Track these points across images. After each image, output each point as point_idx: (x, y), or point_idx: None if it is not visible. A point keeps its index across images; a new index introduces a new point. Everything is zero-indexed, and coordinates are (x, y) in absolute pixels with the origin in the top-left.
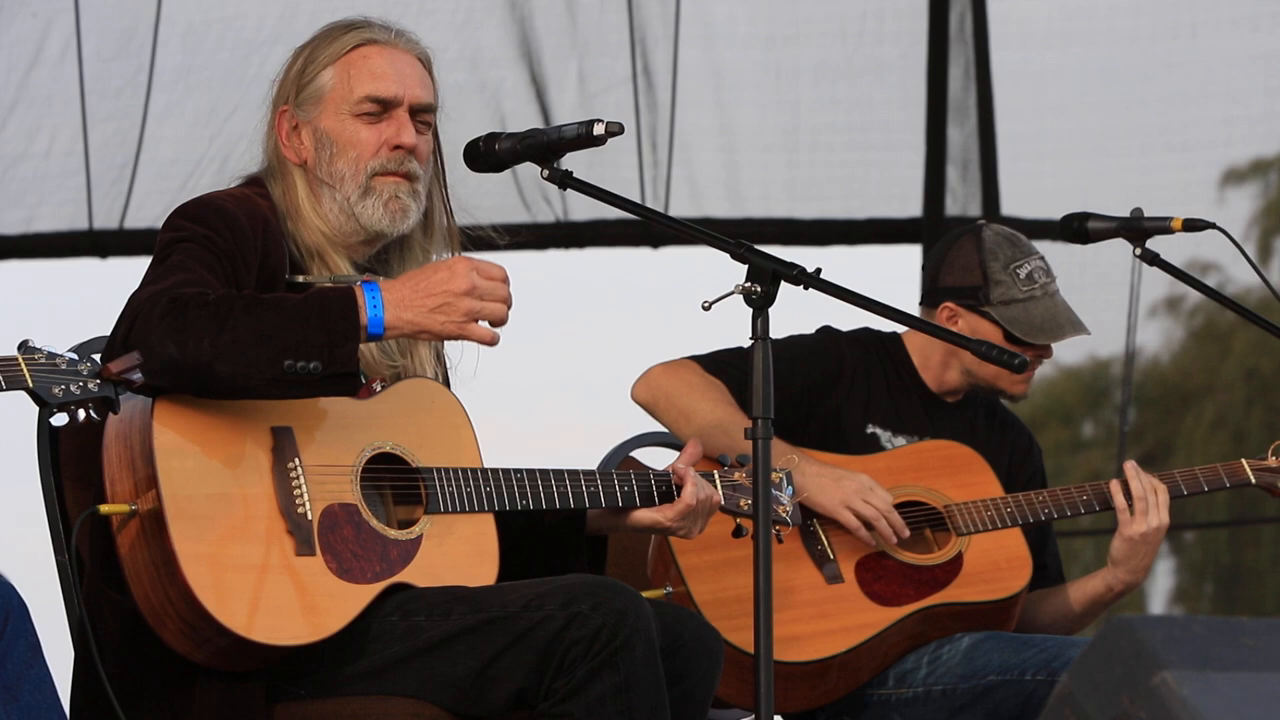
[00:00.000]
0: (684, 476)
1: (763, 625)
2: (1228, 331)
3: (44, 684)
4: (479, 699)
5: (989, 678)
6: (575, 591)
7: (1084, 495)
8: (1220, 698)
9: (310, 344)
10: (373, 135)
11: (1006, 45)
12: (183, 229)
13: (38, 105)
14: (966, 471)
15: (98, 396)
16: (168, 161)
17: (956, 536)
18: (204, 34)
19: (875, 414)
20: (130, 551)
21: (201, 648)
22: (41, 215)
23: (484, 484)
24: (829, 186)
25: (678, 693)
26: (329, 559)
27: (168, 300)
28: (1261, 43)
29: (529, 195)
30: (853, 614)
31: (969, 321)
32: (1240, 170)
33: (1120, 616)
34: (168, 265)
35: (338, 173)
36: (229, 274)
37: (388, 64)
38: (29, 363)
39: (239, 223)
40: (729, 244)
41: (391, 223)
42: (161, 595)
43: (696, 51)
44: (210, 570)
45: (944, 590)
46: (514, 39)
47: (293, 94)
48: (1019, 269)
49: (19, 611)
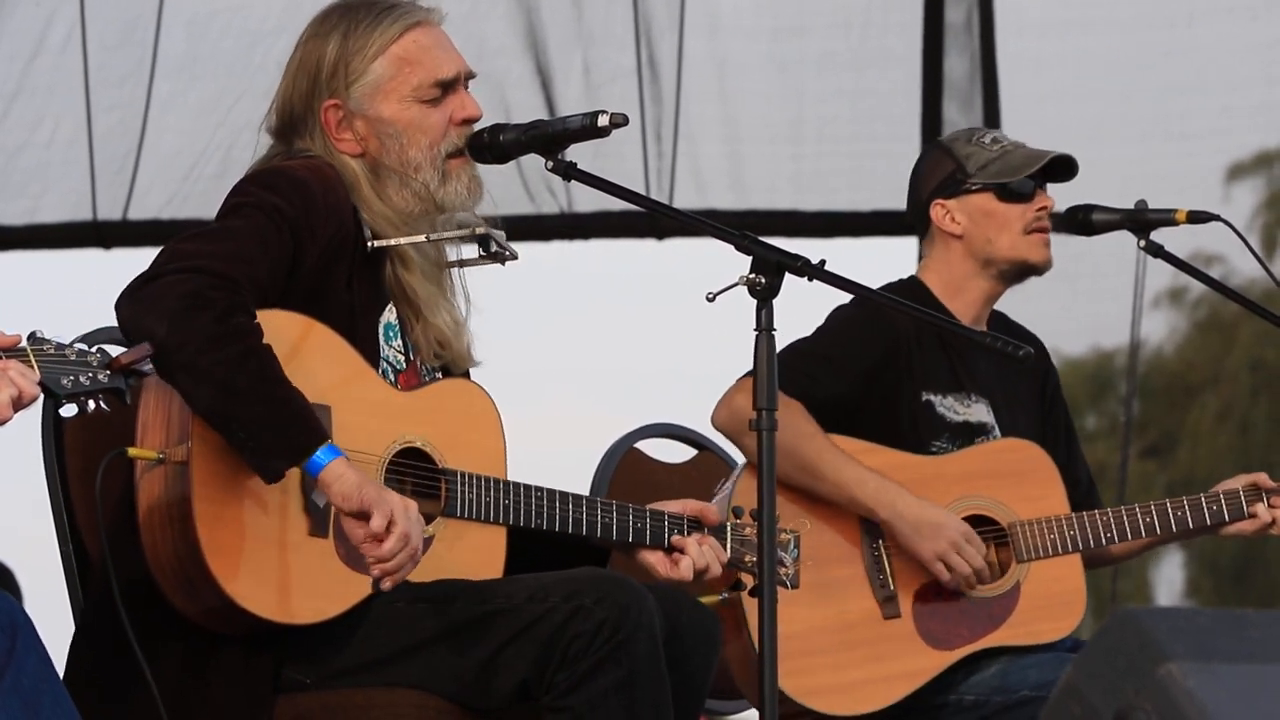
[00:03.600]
0: (685, 545)
1: (767, 617)
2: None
3: (61, 698)
4: (483, 691)
5: (1022, 692)
6: (579, 584)
7: (1148, 517)
8: (1225, 689)
9: (262, 438)
10: (440, 116)
11: (1006, 34)
12: (251, 195)
13: (40, 94)
14: (1033, 482)
15: (108, 388)
16: (171, 151)
17: (1017, 563)
18: (208, 23)
19: (929, 380)
20: (148, 497)
21: (195, 603)
22: (45, 206)
23: (503, 496)
24: (834, 178)
25: (677, 678)
26: (339, 545)
27: (196, 288)
28: (1260, 31)
29: (533, 186)
30: (905, 658)
31: (962, 207)
32: (1245, 164)
33: (1126, 608)
34: (223, 228)
35: (412, 160)
36: (288, 247)
37: (437, 42)
38: (38, 354)
39: (311, 190)
40: (733, 235)
41: (474, 202)
42: (169, 547)
43: (701, 43)
44: (222, 535)
45: (997, 631)
46: (519, 30)
47: (340, 87)
48: (982, 138)
49: (25, 626)
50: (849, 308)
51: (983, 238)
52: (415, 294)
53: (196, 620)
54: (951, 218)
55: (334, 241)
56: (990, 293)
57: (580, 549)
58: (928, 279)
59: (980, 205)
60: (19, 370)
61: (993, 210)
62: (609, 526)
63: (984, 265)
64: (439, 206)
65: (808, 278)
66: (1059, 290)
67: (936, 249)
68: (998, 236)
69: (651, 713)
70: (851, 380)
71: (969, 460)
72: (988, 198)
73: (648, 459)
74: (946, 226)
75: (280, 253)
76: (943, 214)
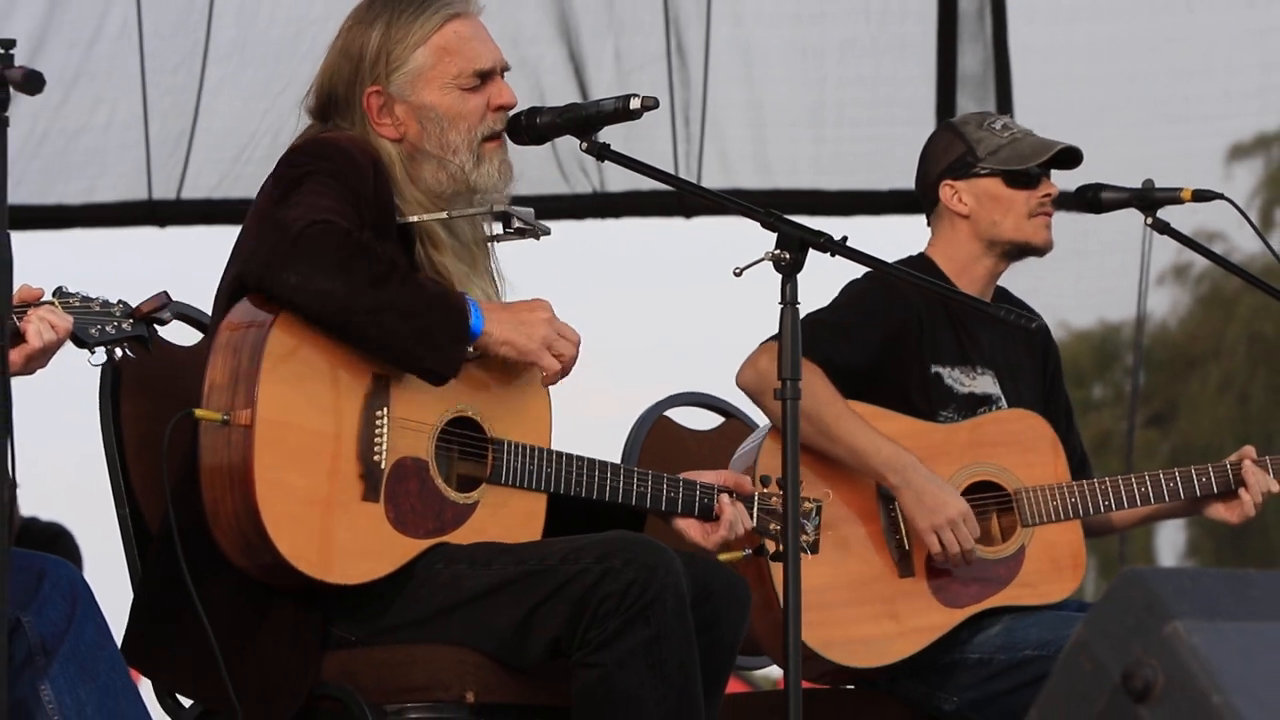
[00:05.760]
0: (724, 510)
1: (792, 587)
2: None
3: (117, 664)
4: (519, 648)
5: (1025, 651)
6: (610, 546)
7: (1143, 487)
8: (1229, 646)
9: (436, 336)
10: (479, 102)
11: (1017, 22)
12: (304, 164)
13: (99, 80)
14: (1037, 450)
15: (132, 335)
16: (222, 133)
17: (1021, 527)
18: (256, 11)
19: (937, 353)
20: (210, 458)
21: (252, 561)
22: (102, 186)
23: (546, 464)
24: (853, 159)
25: (709, 639)
26: (389, 508)
27: (344, 234)
28: (1257, 18)
29: (567, 167)
30: (918, 615)
31: (970, 189)
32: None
33: (1133, 569)
34: (307, 190)
35: (451, 143)
36: (356, 208)
37: (476, 33)
38: (65, 305)
39: (355, 159)
40: (759, 213)
41: (507, 184)
42: (229, 508)
43: (727, 30)
44: (280, 499)
45: (1003, 591)
46: (553, 18)
47: (383, 75)
48: (993, 123)
49: (85, 594)
50: (862, 281)
51: (988, 219)
52: (447, 271)
53: (253, 575)
54: (959, 198)
55: (376, 208)
56: (994, 270)
57: (615, 514)
58: (935, 256)
59: (988, 189)
60: (50, 310)
61: (999, 194)
62: (644, 495)
63: (989, 245)
64: (471, 188)
65: (830, 253)
66: (1068, 266)
67: (943, 227)
68: (1003, 219)
69: (677, 670)
70: (869, 349)
71: (977, 429)
72: (995, 182)
73: (677, 426)
74: (954, 206)
75: (353, 207)
76: (951, 194)
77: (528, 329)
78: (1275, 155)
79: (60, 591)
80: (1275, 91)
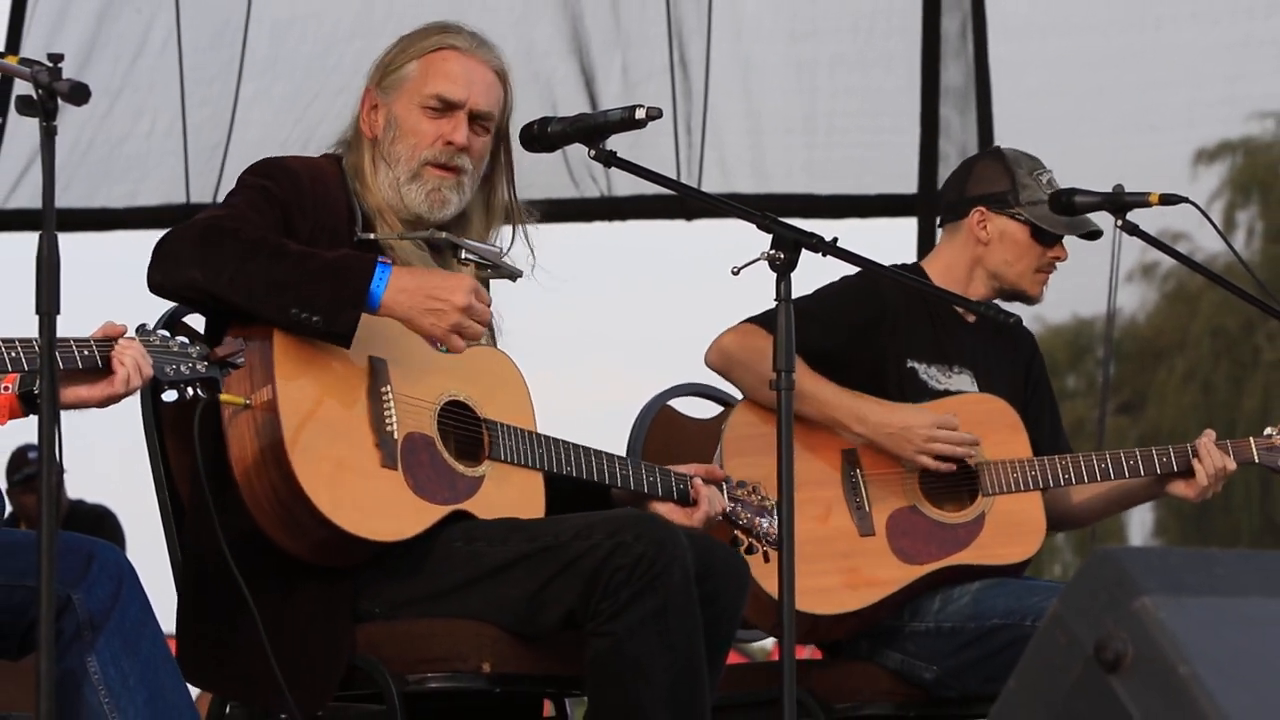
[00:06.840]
0: (699, 492)
1: (786, 569)
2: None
3: (159, 640)
4: (534, 620)
5: (993, 620)
6: (621, 523)
7: (1103, 463)
8: (1194, 621)
9: (317, 301)
10: (432, 128)
11: (996, 38)
12: (245, 181)
13: (141, 91)
14: (1000, 429)
15: (204, 377)
16: (256, 142)
17: (983, 496)
18: (289, 28)
19: (913, 348)
20: (239, 442)
21: (299, 538)
22: (143, 190)
23: (537, 445)
24: (843, 166)
25: (710, 613)
26: (408, 476)
27: (205, 225)
28: (1221, 34)
29: (577, 173)
30: (878, 569)
31: (998, 223)
32: (1209, 151)
33: (1105, 548)
34: (222, 204)
35: (395, 154)
36: (279, 219)
37: (462, 70)
38: (145, 344)
39: (300, 179)
40: (756, 216)
41: (429, 210)
42: (267, 487)
43: (727, 45)
44: (312, 460)
45: (963, 551)
46: (565, 34)
47: (379, 77)
48: (1040, 175)
49: (130, 576)
50: (847, 277)
51: (1002, 258)
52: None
53: (300, 555)
54: (986, 227)
55: (323, 227)
56: (984, 296)
57: (587, 495)
58: (930, 267)
59: (1013, 232)
60: (141, 353)
61: (1021, 241)
62: (626, 477)
63: (990, 276)
64: (402, 201)
65: (822, 253)
66: None
67: (955, 242)
68: (1015, 263)
69: (683, 638)
70: (834, 332)
71: (943, 409)
72: (1023, 229)
73: (678, 415)
74: (977, 231)
75: (271, 219)
76: (979, 220)
77: (433, 316)
78: (1237, 161)
79: (108, 572)
80: (1236, 103)
